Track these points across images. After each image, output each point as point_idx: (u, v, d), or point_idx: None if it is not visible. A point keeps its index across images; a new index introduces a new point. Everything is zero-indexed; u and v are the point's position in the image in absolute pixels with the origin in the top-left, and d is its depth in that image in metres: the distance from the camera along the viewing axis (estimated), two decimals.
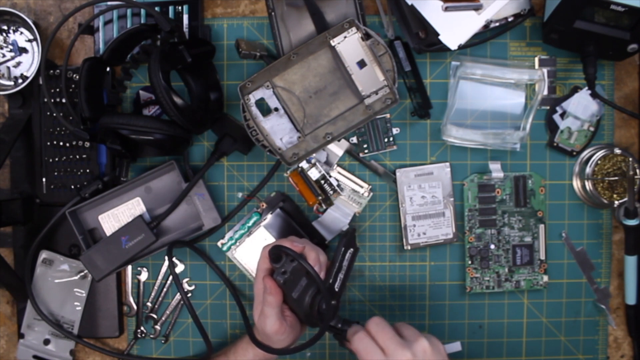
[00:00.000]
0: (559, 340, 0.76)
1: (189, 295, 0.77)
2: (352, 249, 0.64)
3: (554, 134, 0.74)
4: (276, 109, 0.68)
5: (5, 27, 0.76)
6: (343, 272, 0.63)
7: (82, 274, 0.76)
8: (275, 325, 0.62)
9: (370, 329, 0.57)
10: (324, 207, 0.73)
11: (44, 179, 0.76)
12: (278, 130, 0.68)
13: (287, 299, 0.63)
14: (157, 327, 0.77)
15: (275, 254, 0.62)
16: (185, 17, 0.73)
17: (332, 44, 0.67)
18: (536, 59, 0.74)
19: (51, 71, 0.74)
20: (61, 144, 0.75)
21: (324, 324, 0.59)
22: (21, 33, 0.76)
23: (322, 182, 0.71)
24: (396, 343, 0.55)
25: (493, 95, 0.73)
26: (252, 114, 0.67)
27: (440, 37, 0.67)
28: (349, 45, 0.67)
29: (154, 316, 0.77)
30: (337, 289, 0.62)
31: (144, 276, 0.77)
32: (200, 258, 0.75)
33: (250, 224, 0.75)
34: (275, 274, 0.62)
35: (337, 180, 0.74)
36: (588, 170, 0.72)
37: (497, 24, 0.70)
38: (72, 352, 0.77)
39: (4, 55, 0.76)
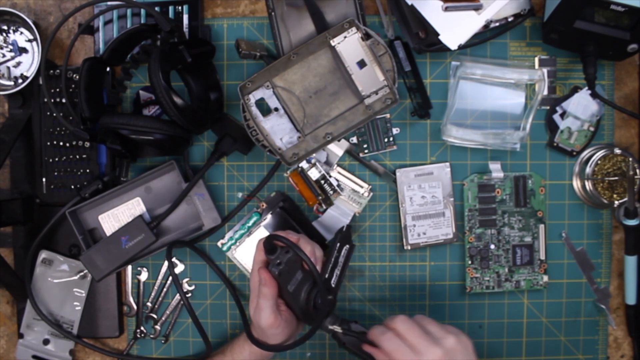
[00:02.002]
0: (559, 340, 0.76)
1: (189, 295, 0.77)
2: (347, 246, 0.64)
3: (554, 134, 0.74)
4: (276, 109, 0.68)
5: (5, 27, 0.76)
6: (339, 268, 0.62)
7: (82, 274, 0.76)
8: (269, 318, 0.62)
9: (398, 328, 0.57)
10: (324, 207, 0.73)
11: (44, 179, 0.76)
12: (278, 130, 0.68)
13: (283, 293, 0.63)
14: (157, 327, 0.77)
15: (269, 244, 0.62)
16: (185, 17, 0.73)
17: (332, 44, 0.67)
18: (536, 59, 0.74)
19: (51, 71, 0.74)
20: (61, 144, 0.75)
21: (320, 317, 0.59)
22: (21, 33, 0.76)
23: (322, 182, 0.71)
24: (426, 340, 0.55)
25: (493, 95, 0.73)
26: (252, 114, 0.67)
27: (440, 37, 0.67)
28: (349, 45, 0.67)
29: (154, 316, 0.77)
30: (333, 285, 0.61)
31: (144, 276, 0.77)
32: (200, 258, 0.75)
33: (250, 224, 0.75)
34: (270, 266, 0.62)
35: (337, 180, 0.74)
36: (588, 170, 0.72)
37: (497, 24, 0.70)
38: (72, 352, 0.77)
39: (4, 55, 0.76)
